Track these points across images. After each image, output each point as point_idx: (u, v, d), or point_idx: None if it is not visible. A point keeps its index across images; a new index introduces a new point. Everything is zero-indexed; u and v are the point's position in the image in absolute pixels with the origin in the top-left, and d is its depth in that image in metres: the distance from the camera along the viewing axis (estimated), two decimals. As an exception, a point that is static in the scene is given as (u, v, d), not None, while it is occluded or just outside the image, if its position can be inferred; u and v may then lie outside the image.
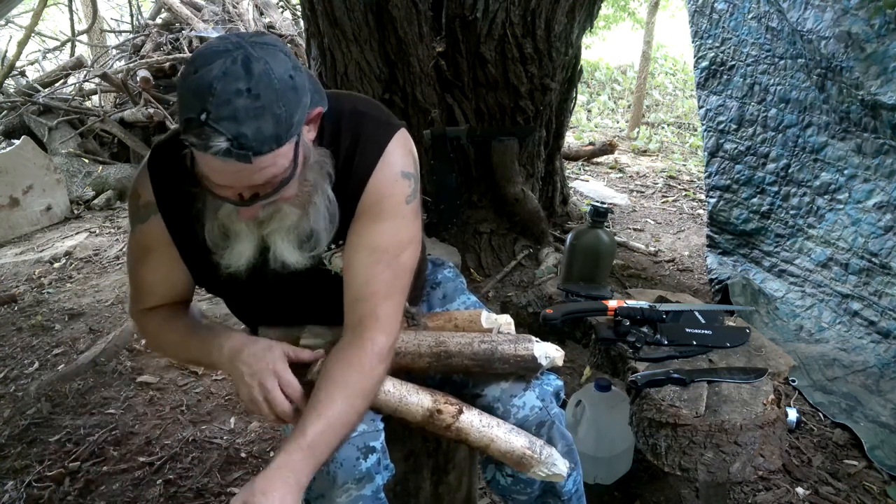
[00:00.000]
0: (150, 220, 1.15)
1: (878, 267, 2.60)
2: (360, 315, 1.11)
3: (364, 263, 1.11)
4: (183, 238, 1.15)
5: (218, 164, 0.91)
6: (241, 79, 0.87)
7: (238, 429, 2.23)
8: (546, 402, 1.25)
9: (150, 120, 5.29)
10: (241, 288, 1.19)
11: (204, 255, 1.13)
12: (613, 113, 8.26)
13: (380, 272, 1.11)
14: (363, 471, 1.07)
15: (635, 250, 3.80)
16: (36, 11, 5.04)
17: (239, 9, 5.84)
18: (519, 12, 3.04)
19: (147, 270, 1.21)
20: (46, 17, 7.94)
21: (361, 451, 1.08)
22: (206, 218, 1.06)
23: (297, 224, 1.05)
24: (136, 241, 1.19)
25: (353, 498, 1.06)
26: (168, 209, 1.13)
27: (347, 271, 1.13)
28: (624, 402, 1.69)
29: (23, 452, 2.13)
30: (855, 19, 2.46)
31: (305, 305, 1.24)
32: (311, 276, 1.16)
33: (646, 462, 1.67)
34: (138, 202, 1.15)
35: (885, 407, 2.30)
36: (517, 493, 1.27)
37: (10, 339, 2.92)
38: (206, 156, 0.90)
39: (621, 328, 1.64)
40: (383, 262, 1.11)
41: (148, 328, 1.26)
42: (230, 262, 1.08)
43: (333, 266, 1.18)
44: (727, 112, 3.27)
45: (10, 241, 4.26)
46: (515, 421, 1.21)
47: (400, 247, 1.13)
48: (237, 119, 0.87)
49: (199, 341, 1.17)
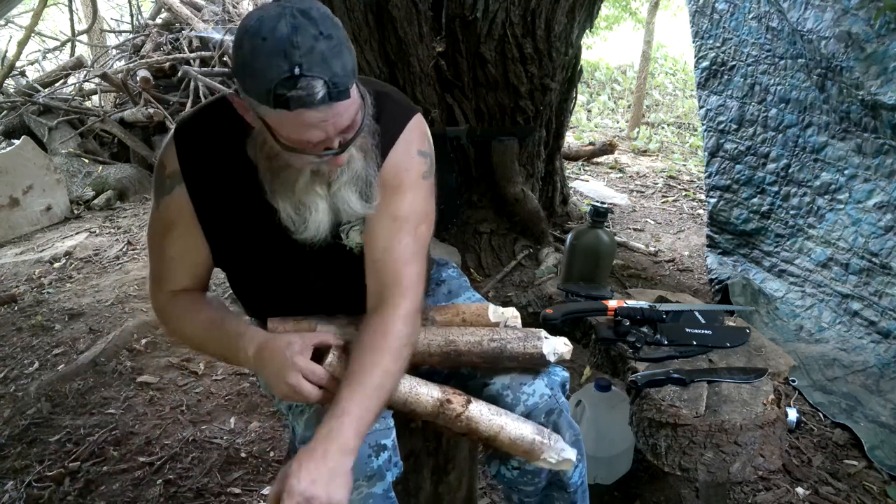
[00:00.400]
0: (174, 192, 1.16)
1: (878, 267, 2.60)
2: (384, 282, 1.15)
3: (385, 232, 1.15)
4: (206, 210, 1.17)
5: (316, 116, 0.94)
6: (310, 26, 0.92)
7: (238, 429, 2.23)
8: (554, 390, 1.27)
9: (150, 120, 5.29)
10: (258, 267, 1.22)
11: (226, 230, 1.17)
12: (613, 113, 8.26)
13: (401, 240, 1.15)
14: (374, 468, 1.07)
15: (635, 250, 3.80)
16: (36, 11, 5.04)
17: (239, 9, 5.84)
18: (519, 12, 3.04)
19: (169, 245, 1.20)
20: (46, 17, 7.94)
21: (373, 448, 1.08)
22: (278, 200, 1.08)
23: (361, 172, 1.09)
24: (160, 217, 1.20)
25: (363, 496, 1.06)
26: (193, 180, 1.15)
27: (369, 241, 1.17)
28: (624, 402, 1.69)
29: (23, 452, 2.13)
30: (855, 19, 2.46)
31: (319, 285, 1.26)
32: (328, 254, 1.19)
33: (646, 462, 1.67)
34: (164, 173, 1.17)
35: (885, 407, 2.30)
36: (524, 484, 1.28)
37: (10, 339, 2.92)
38: (305, 113, 0.93)
39: (621, 328, 1.64)
40: (404, 230, 1.16)
41: (170, 317, 1.24)
42: (310, 234, 1.10)
43: (350, 241, 1.20)
44: (727, 112, 3.27)
45: (10, 241, 4.26)
46: (525, 409, 1.22)
47: (419, 218, 1.18)
48: (326, 61, 0.92)
49: (224, 339, 1.17)
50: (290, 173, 1.06)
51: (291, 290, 1.27)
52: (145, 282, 3.46)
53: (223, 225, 1.17)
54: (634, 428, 1.50)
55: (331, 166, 1.05)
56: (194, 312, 1.21)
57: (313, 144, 0.99)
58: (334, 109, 0.96)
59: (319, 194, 1.08)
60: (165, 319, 1.26)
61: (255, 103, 0.97)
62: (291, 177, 1.06)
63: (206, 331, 1.19)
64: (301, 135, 0.97)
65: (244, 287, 1.34)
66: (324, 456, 0.98)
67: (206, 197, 1.16)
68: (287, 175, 1.07)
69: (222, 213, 1.16)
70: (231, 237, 1.18)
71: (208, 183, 1.15)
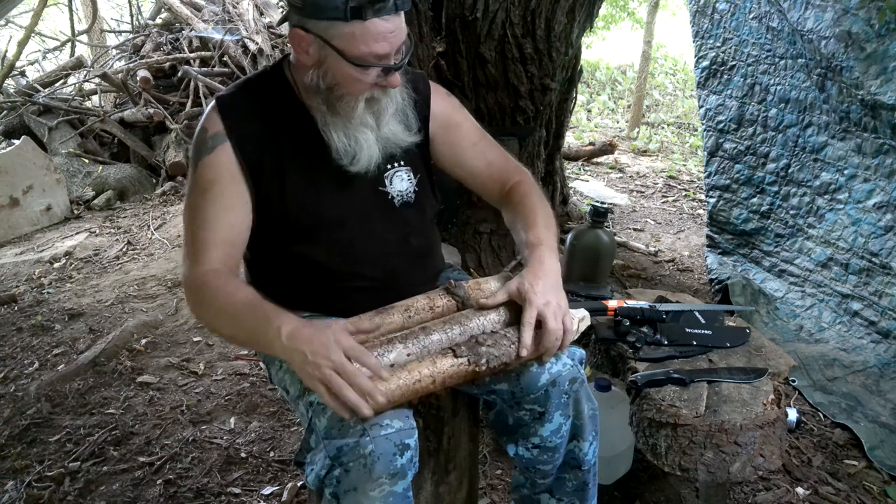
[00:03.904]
0: (216, 150, 1.22)
1: (878, 267, 2.60)
2: (504, 178, 1.43)
3: (479, 153, 1.43)
4: (253, 163, 1.23)
5: (385, 26, 1.10)
6: None
7: (238, 429, 2.23)
8: (575, 362, 1.29)
9: (150, 120, 5.29)
10: (299, 221, 1.27)
11: (274, 182, 1.24)
12: (613, 113, 8.26)
13: (490, 149, 1.44)
14: (398, 467, 1.06)
15: (635, 250, 3.80)
16: (36, 11, 5.04)
17: (239, 9, 5.84)
18: (519, 12, 3.04)
19: (209, 205, 1.21)
20: (46, 17, 7.94)
21: (398, 447, 1.07)
22: (331, 132, 1.21)
23: (401, 105, 1.26)
24: (199, 177, 1.23)
25: (385, 493, 1.06)
26: (238, 136, 1.22)
27: (473, 168, 1.43)
28: (624, 402, 1.69)
29: (23, 452, 2.13)
30: (855, 19, 2.46)
31: (361, 241, 1.31)
32: (371, 204, 1.31)
33: (646, 462, 1.67)
34: (205, 136, 1.23)
35: (885, 407, 2.30)
36: (542, 463, 1.30)
37: (10, 339, 2.92)
38: (377, 23, 1.09)
39: (621, 328, 1.64)
40: (485, 142, 1.44)
41: (204, 295, 1.19)
42: (362, 166, 1.23)
43: (393, 188, 1.33)
44: (727, 112, 3.27)
45: (10, 241, 4.26)
46: (550, 376, 1.24)
47: (483, 131, 1.47)
48: None
49: (258, 319, 1.12)
50: (347, 102, 1.19)
51: (333, 244, 1.30)
52: (146, 281, 3.43)
53: (271, 177, 1.24)
54: (634, 428, 1.50)
55: (386, 91, 1.20)
56: (232, 289, 1.17)
57: (380, 57, 1.13)
58: (398, 22, 1.12)
59: (370, 125, 1.22)
60: (199, 298, 1.20)
61: (322, 27, 1.11)
62: (349, 105, 1.19)
63: (241, 309, 1.14)
64: (371, 47, 1.11)
65: (276, 256, 1.32)
66: (546, 275, 1.20)
67: (253, 151, 1.23)
68: (343, 105, 1.19)
69: (270, 164, 1.24)
70: (279, 188, 1.25)
71: (254, 138, 1.23)
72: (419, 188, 1.38)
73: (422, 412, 1.34)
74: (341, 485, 1.05)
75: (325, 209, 1.28)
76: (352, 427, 1.06)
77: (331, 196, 1.28)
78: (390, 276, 1.33)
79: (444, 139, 1.40)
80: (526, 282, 1.20)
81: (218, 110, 1.24)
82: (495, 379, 1.26)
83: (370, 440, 1.04)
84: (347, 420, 1.05)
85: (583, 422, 1.29)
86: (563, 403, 1.25)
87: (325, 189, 1.28)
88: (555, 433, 1.26)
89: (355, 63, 1.12)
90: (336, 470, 1.05)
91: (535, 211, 1.33)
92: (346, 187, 1.29)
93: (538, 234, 1.28)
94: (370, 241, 1.32)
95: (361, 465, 1.04)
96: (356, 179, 1.28)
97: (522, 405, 1.26)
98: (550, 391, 1.23)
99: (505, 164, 1.44)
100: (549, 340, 1.17)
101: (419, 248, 1.39)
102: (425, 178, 1.40)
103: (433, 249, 1.48)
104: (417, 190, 1.37)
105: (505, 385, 1.27)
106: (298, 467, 1.22)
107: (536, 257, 1.24)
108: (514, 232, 1.36)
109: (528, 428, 1.27)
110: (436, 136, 1.40)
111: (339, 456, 1.05)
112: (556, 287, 1.21)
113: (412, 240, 1.37)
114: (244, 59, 5.43)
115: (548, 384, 1.23)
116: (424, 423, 1.34)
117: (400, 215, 1.34)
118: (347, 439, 1.05)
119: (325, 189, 1.28)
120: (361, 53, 1.11)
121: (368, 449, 1.04)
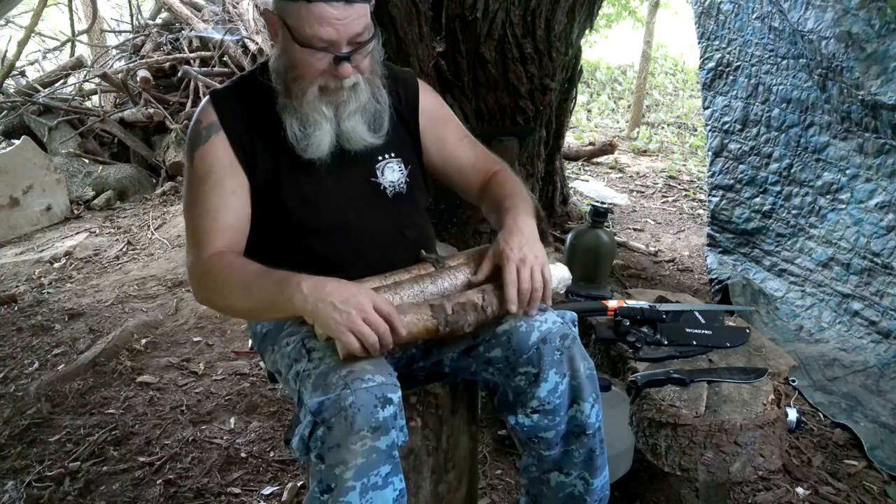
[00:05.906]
0: (210, 140, 1.24)
1: (879, 267, 2.60)
2: (486, 168, 1.46)
3: (466, 148, 1.47)
4: (246, 153, 1.26)
5: (331, 12, 1.11)
6: None
7: (238, 429, 2.23)
8: (566, 320, 1.29)
9: (150, 120, 5.29)
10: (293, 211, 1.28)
11: (266, 173, 1.27)
12: (613, 113, 8.26)
13: (474, 145, 1.49)
14: (379, 420, 1.05)
15: (635, 250, 3.80)
16: (36, 11, 5.05)
17: (239, 9, 5.84)
18: (519, 12, 3.04)
19: (208, 195, 1.23)
20: (46, 17, 7.93)
21: (379, 399, 1.06)
22: (286, 115, 1.23)
23: (368, 103, 1.26)
24: (196, 168, 1.25)
25: (367, 448, 1.04)
26: (231, 126, 1.25)
27: (461, 160, 1.46)
28: (624, 402, 1.69)
29: (23, 452, 2.13)
30: (855, 19, 2.46)
31: (358, 232, 1.32)
32: (363, 195, 1.33)
33: (646, 462, 1.67)
34: (199, 127, 1.26)
35: (885, 407, 2.30)
36: (544, 430, 1.27)
37: (10, 339, 2.92)
38: (322, 6, 1.11)
39: (621, 328, 1.64)
40: (469, 139, 1.49)
41: (214, 277, 1.20)
42: (312, 153, 1.24)
43: (384, 179, 1.35)
44: (732, 112, 3.27)
45: (10, 241, 4.26)
46: (540, 334, 1.24)
47: (465, 129, 1.51)
48: None
49: (272, 283, 1.14)
50: (300, 86, 1.20)
51: (330, 234, 1.31)
52: (146, 281, 3.43)
53: (265, 167, 1.27)
54: (634, 428, 1.50)
55: (337, 81, 1.19)
56: (241, 264, 1.19)
57: (325, 43, 1.14)
58: (348, 11, 1.12)
59: (325, 115, 1.22)
60: (207, 283, 1.21)
61: (281, 7, 1.15)
62: (301, 89, 1.20)
63: (254, 278, 1.16)
64: (315, 30, 1.12)
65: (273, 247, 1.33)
66: (519, 231, 1.23)
67: (248, 141, 1.26)
68: (297, 88, 1.20)
69: (264, 155, 1.26)
70: (275, 178, 1.27)
71: (248, 129, 1.26)
72: (410, 179, 1.39)
73: (420, 411, 1.34)
74: (325, 444, 1.04)
75: (321, 199, 1.30)
76: (334, 383, 1.07)
77: (326, 186, 1.30)
78: (387, 268, 1.32)
79: (433, 133, 1.43)
80: (501, 241, 1.23)
81: (212, 103, 1.27)
82: (489, 346, 1.28)
83: (351, 392, 1.04)
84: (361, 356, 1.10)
85: (580, 381, 1.26)
86: (557, 361, 1.23)
87: (320, 180, 1.30)
88: (552, 393, 1.24)
89: (300, 43, 1.15)
90: (319, 429, 1.04)
91: (509, 186, 1.37)
92: (340, 178, 1.31)
93: (513, 201, 1.31)
94: (367, 231, 1.33)
95: (343, 417, 1.03)
96: (348, 170, 1.31)
97: (517, 370, 1.25)
98: (542, 349, 1.23)
99: (486, 158, 1.48)
100: (532, 292, 1.21)
101: (414, 241, 1.39)
102: (416, 169, 1.42)
103: (427, 244, 1.48)
104: (409, 181, 1.39)
105: (498, 351, 1.27)
106: (287, 445, 1.20)
107: (511, 217, 1.27)
108: (491, 211, 1.38)
109: (526, 395, 1.26)
110: (426, 130, 1.42)
111: (320, 411, 1.04)
112: (532, 241, 1.24)
113: (407, 232, 1.38)
114: (244, 59, 5.44)
115: (538, 342, 1.23)
116: (423, 421, 1.34)
117: (393, 206, 1.36)
118: (329, 394, 1.05)
119: (320, 180, 1.30)
120: (306, 35, 1.14)
121: (349, 401, 1.03)
